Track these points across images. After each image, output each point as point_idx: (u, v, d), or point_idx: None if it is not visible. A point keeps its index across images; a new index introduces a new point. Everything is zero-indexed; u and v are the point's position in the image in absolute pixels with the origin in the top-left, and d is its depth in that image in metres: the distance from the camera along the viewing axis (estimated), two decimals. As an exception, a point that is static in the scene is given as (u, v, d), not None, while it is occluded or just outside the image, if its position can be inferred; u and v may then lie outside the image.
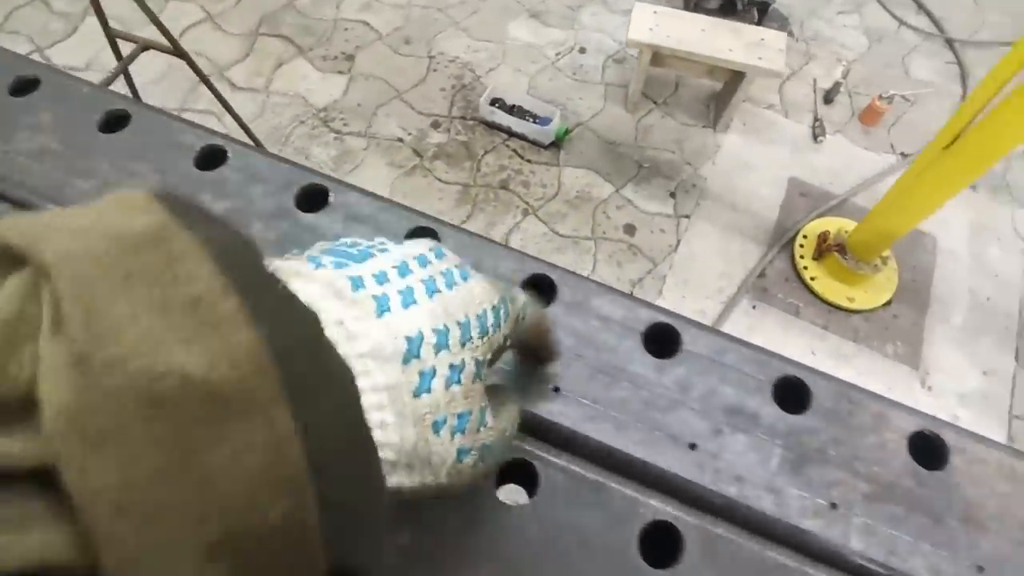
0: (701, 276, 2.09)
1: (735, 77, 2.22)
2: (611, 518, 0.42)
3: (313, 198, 0.55)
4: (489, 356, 0.30)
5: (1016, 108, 1.40)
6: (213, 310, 0.18)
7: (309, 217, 0.54)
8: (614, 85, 2.50)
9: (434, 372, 0.26)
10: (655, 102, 2.47)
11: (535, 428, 0.46)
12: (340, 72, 2.51)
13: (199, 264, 0.19)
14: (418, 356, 0.25)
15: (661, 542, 0.43)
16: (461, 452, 0.27)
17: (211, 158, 0.57)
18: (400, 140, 2.32)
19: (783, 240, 2.16)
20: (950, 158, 1.57)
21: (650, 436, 0.46)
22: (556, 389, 0.47)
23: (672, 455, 0.45)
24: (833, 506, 0.44)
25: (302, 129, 2.32)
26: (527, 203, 2.21)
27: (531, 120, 2.30)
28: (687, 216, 2.21)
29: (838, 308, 2.04)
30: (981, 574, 0.43)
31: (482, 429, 0.29)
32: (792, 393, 0.48)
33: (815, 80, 2.59)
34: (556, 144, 2.32)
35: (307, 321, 0.22)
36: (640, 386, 0.47)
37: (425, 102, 2.43)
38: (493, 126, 2.34)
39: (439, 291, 0.28)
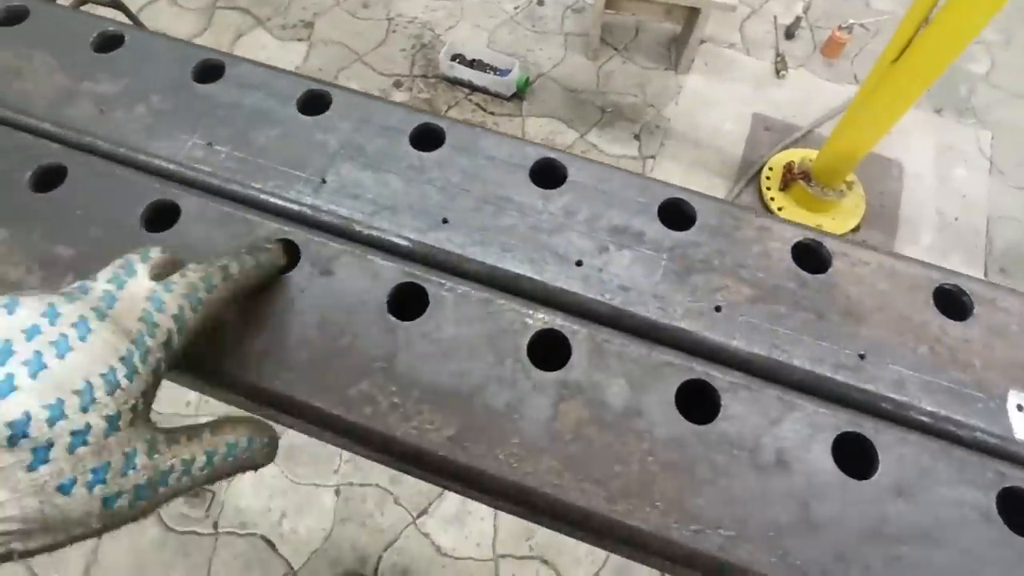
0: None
1: (692, 16, 2.21)
2: (499, 330, 0.43)
3: (209, 72, 0.55)
4: (134, 402, 0.31)
5: (952, 17, 1.40)
6: None
7: (205, 87, 0.54)
8: (574, 35, 2.48)
9: (50, 444, 0.28)
10: (616, 48, 2.46)
11: (424, 256, 0.47)
12: (299, 39, 2.49)
13: None
14: (26, 435, 0.28)
15: (551, 349, 0.43)
16: (108, 500, 0.30)
17: (110, 42, 0.57)
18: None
19: (749, 174, 2.16)
20: (899, 71, 1.57)
21: (536, 256, 0.46)
22: (444, 220, 0.48)
23: (558, 271, 0.46)
24: (717, 309, 0.45)
25: (262, 98, 2.29)
26: (493, 156, 2.21)
27: (491, 72, 2.29)
28: (652, 157, 2.21)
29: (806, 236, 2.05)
30: (863, 360, 0.44)
31: (132, 472, 0.31)
32: (676, 213, 0.49)
33: (775, 17, 2.58)
34: (518, 95, 2.31)
35: None
36: (526, 214, 0.48)
37: (386, 63, 2.41)
38: (455, 82, 2.33)
39: (46, 366, 0.29)
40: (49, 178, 0.48)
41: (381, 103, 0.53)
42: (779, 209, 2.06)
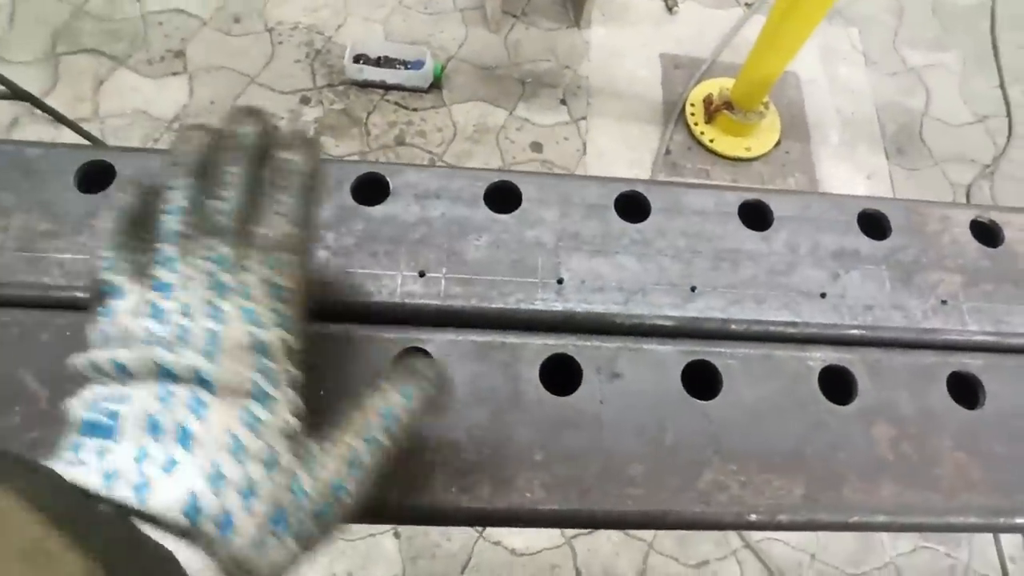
0: (615, 168, 2.17)
1: (584, -31, 2.22)
2: (790, 379, 0.47)
3: (375, 189, 0.52)
4: (283, 424, 0.31)
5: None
6: (43, 551, 0.21)
7: (377, 209, 0.50)
8: (469, 9, 2.42)
9: (230, 511, 0.28)
10: (515, 16, 2.44)
11: (691, 330, 0.48)
12: (175, 73, 2.24)
13: (22, 514, 0.21)
14: (200, 511, 0.27)
15: (838, 382, 0.47)
16: (299, 537, 0.30)
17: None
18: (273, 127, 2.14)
19: (675, 114, 2.27)
20: (805, -6, 1.70)
21: (787, 299, 0.50)
22: (693, 289, 0.49)
23: (810, 308, 0.49)
24: (944, 303, 0.51)
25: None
26: (430, 152, 2.15)
27: (402, 67, 2.20)
28: (584, 118, 2.26)
29: (740, 160, 2.20)
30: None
31: (304, 502, 0.30)
32: (874, 223, 0.54)
33: (651, -46, 2.65)
34: (436, 85, 2.24)
35: (122, 530, 0.26)
36: (757, 260, 0.51)
37: (284, 80, 2.23)
38: (366, 84, 2.22)
39: (193, 435, 0.28)
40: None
41: (571, 179, 0.53)
42: (711, 141, 2.20)
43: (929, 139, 2.41)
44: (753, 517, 0.42)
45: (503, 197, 0.52)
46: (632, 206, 0.52)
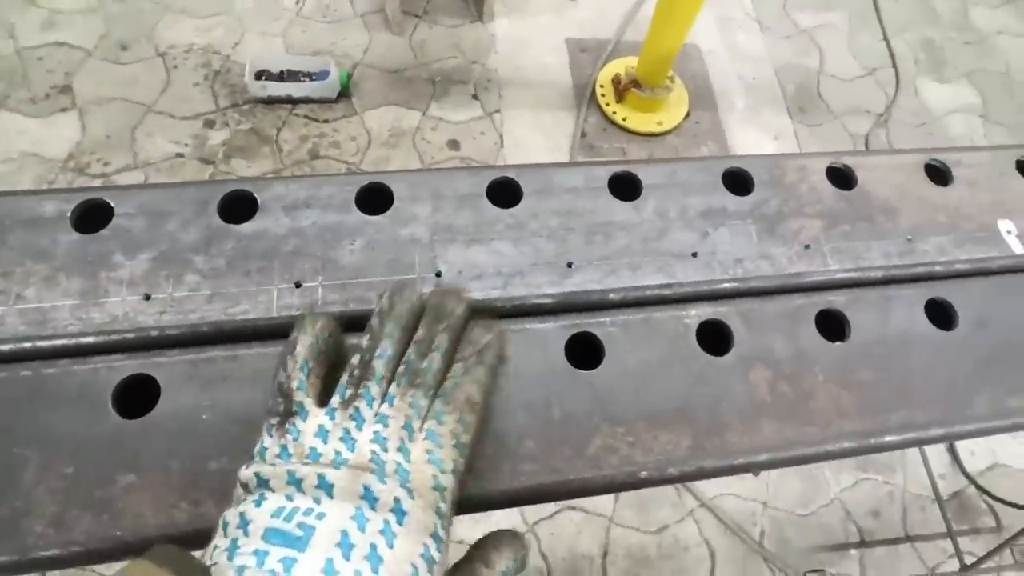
0: (534, 157, 2.19)
1: (479, -37, 2.23)
2: (670, 339, 0.49)
3: (237, 206, 0.51)
4: (444, 570, 0.34)
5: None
6: None
7: (244, 227, 0.49)
8: (370, 13, 2.39)
9: None
10: (417, 16, 2.42)
11: (571, 304, 0.50)
12: (63, 109, 2.12)
13: None
14: None
15: (715, 335, 0.50)
16: None
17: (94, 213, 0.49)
18: (179, 155, 2.06)
19: (586, 97, 2.30)
20: (690, -32, 1.75)
21: (660, 263, 0.52)
22: (569, 264, 0.51)
23: (684, 268, 0.52)
24: (807, 247, 0.54)
25: (57, 189, 1.95)
26: (346, 162, 2.11)
27: (307, 79, 2.15)
28: (497, 111, 2.27)
29: (654, 135, 2.26)
30: (911, 243, 0.56)
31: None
32: (738, 180, 0.57)
33: (544, -58, 2.68)
34: (345, 94, 2.20)
35: None
36: (630, 229, 0.53)
37: (184, 105, 2.15)
38: (272, 101, 2.16)
39: (382, 559, 0.30)
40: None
41: (442, 173, 0.53)
42: (623, 120, 2.24)
43: (826, 95, 2.53)
44: (644, 474, 0.44)
45: (374, 199, 0.52)
46: (504, 192, 0.53)
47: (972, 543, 1.86)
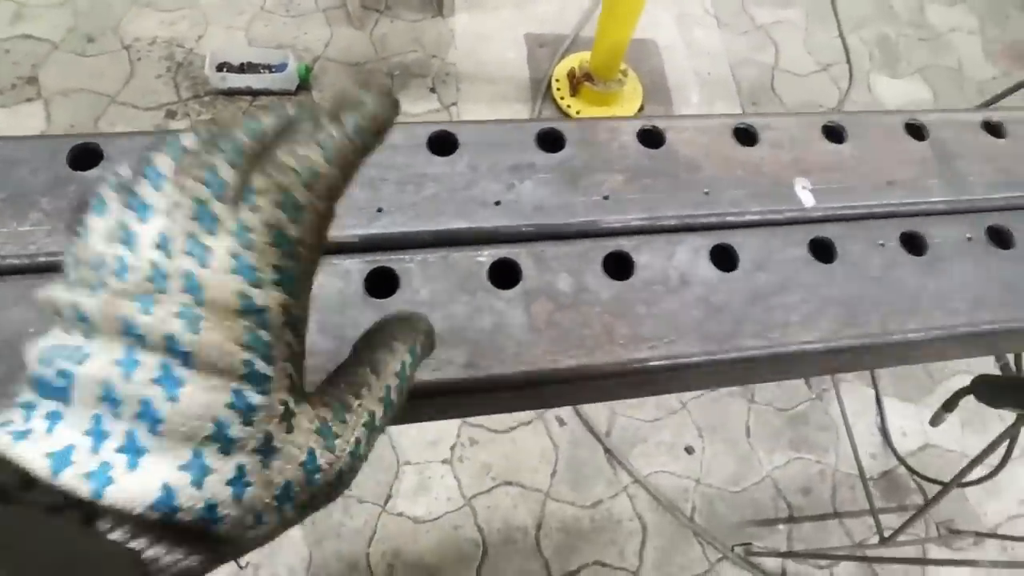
0: (490, 150, 2.25)
1: (437, -41, 2.29)
2: (461, 275, 0.54)
3: (86, 157, 0.56)
4: (281, 407, 0.26)
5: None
6: None
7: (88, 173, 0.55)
8: (332, 8, 2.45)
9: (213, 505, 0.24)
10: (379, 11, 2.48)
11: (377, 244, 0.55)
12: (28, 100, 2.18)
13: None
14: (178, 509, 0.23)
15: (507, 273, 0.55)
16: (304, 508, 0.27)
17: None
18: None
19: (541, 90, 2.37)
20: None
21: (464, 210, 0.57)
22: (379, 210, 0.56)
23: (485, 215, 0.57)
24: (606, 198, 0.60)
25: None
26: (305, 152, 2.17)
27: (267, 71, 2.21)
28: (454, 104, 2.33)
29: (606, 127, 2.32)
30: (707, 196, 0.62)
31: (318, 476, 0.27)
32: (551, 139, 0.63)
33: (507, -60, 2.74)
34: (303, 86, 2.26)
35: (52, 528, 0.21)
36: (441, 181, 0.58)
37: (146, 96, 2.21)
38: (232, 92, 2.22)
39: (160, 418, 0.23)
40: None
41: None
42: (577, 112, 2.31)
43: (780, 90, 2.59)
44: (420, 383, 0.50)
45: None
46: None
47: (900, 520, 1.92)
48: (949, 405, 1.40)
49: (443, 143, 0.61)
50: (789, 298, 0.58)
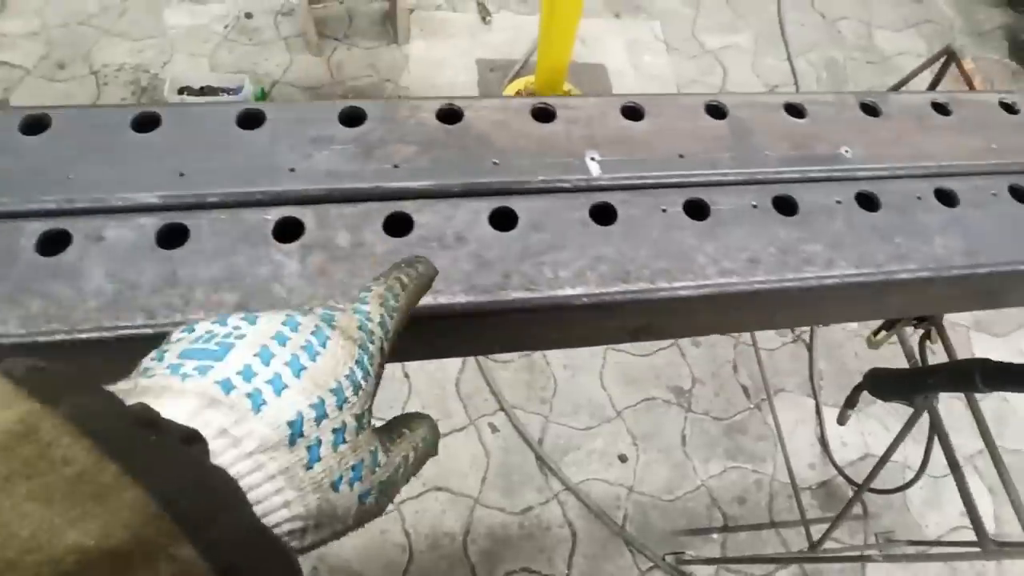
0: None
1: (391, -11, 2.41)
2: (247, 230, 0.59)
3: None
4: (369, 403, 0.34)
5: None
6: (95, 483, 0.20)
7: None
8: (292, 36, 2.57)
9: (319, 442, 0.30)
10: (337, 39, 2.60)
11: (175, 205, 0.60)
12: None
13: (72, 443, 0.20)
14: (302, 434, 0.29)
15: (293, 230, 0.60)
16: (362, 496, 0.32)
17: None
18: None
19: (491, 111, 2.45)
20: (559, -12, 1.91)
21: (261, 176, 0.63)
22: (181, 174, 0.62)
23: (281, 180, 0.63)
24: (396, 167, 0.65)
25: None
26: (260, 170, 2.26)
27: (224, 94, 2.32)
28: (407, 124, 2.42)
29: (552, 146, 2.40)
30: (497, 166, 0.67)
31: (377, 470, 0.34)
32: (352, 117, 0.68)
33: (466, -27, 2.88)
34: (262, 107, 2.36)
35: (185, 460, 0.24)
36: (245, 151, 0.64)
37: (111, 117, 2.31)
38: (192, 114, 2.32)
39: (305, 367, 0.31)
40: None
41: (98, 110, 0.65)
42: (524, 131, 2.38)
43: (728, 111, 2.67)
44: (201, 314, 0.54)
45: (33, 129, 0.63)
46: (149, 123, 0.64)
47: (839, 530, 1.91)
48: (850, 402, 1.42)
49: (250, 119, 0.66)
50: (561, 256, 0.62)
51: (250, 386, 0.29)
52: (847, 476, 1.93)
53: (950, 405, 1.83)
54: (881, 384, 1.23)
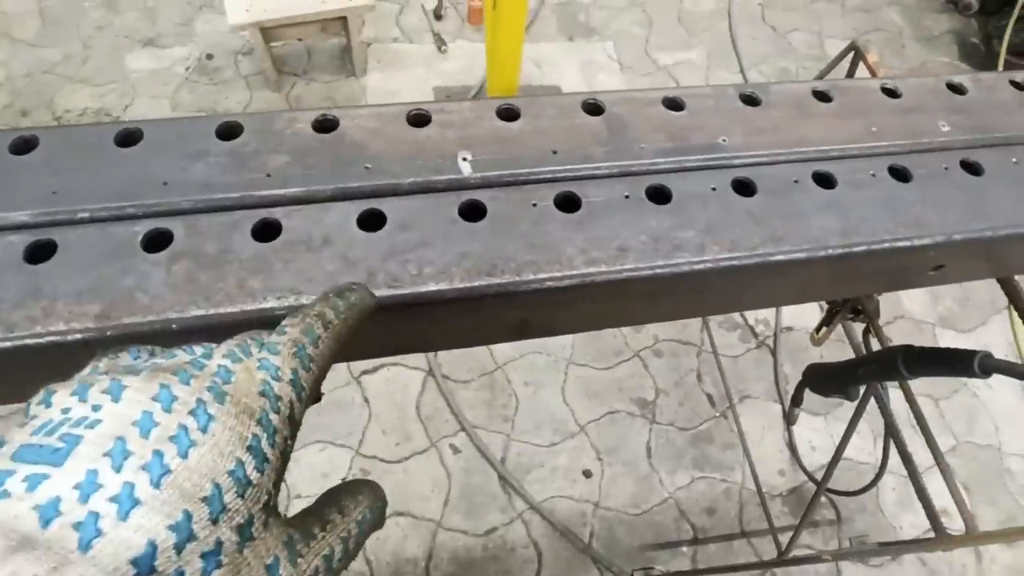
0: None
1: (345, 23, 2.48)
2: (116, 244, 0.60)
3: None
4: (269, 495, 0.27)
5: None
6: None
7: None
8: (253, 75, 2.63)
9: (183, 573, 0.23)
10: (296, 74, 2.66)
11: (47, 223, 0.62)
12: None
13: None
14: (153, 570, 0.22)
15: (163, 243, 0.61)
16: None
17: None
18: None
19: (449, 137, 2.50)
20: (500, 14, 1.97)
21: (132, 192, 0.64)
22: (55, 192, 0.63)
23: (152, 194, 0.64)
24: (268, 175, 0.67)
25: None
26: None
27: (186, 133, 2.36)
28: (366, 153, 2.46)
29: (510, 167, 2.44)
30: (368, 170, 0.69)
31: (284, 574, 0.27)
32: (228, 132, 0.70)
33: (423, 5, 2.96)
34: (223, 144, 2.40)
35: None
36: (116, 171, 0.66)
37: (74, 162, 2.35)
38: (154, 154, 2.36)
39: (169, 471, 0.24)
40: None
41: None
42: (481, 154, 2.43)
43: (683, 125, 2.72)
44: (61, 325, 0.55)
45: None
46: (129, 139, 0.66)
47: (811, 536, 1.88)
48: (795, 400, 1.42)
49: (127, 138, 0.68)
50: (428, 253, 0.63)
51: (84, 509, 0.22)
52: (815, 479, 1.91)
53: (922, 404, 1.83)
54: (817, 379, 1.23)
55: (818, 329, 1.44)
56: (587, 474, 1.83)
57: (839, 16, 3.31)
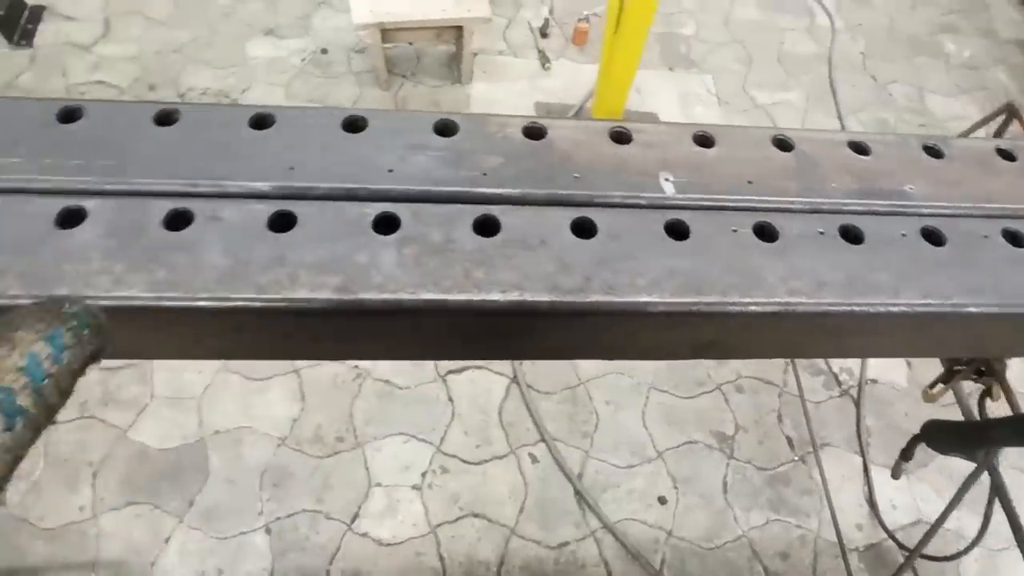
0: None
1: (459, 33, 2.56)
2: (349, 220, 0.65)
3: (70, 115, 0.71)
4: None
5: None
6: None
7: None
8: (364, 72, 2.74)
9: None
10: (404, 76, 2.76)
11: (286, 195, 0.66)
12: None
13: None
14: None
15: (392, 225, 0.65)
16: None
17: None
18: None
19: (546, 151, 2.54)
20: (620, 39, 2.01)
21: (363, 174, 0.68)
22: (291, 168, 0.68)
23: (381, 179, 0.68)
24: (484, 175, 0.70)
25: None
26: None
27: (299, 121, 2.47)
28: (464, 158, 2.52)
29: (604, 187, 2.47)
30: (577, 179, 0.71)
31: None
32: (447, 128, 0.74)
33: (529, 22, 3.04)
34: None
35: None
36: (350, 151, 0.70)
37: (192, 138, 2.49)
38: (266, 138, 2.47)
39: None
40: None
41: (220, 108, 0.73)
42: (576, 171, 2.46)
43: (778, 164, 2.70)
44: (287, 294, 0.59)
45: (164, 120, 0.71)
46: (263, 122, 0.72)
47: (886, 597, 1.82)
48: (906, 454, 1.39)
49: (353, 125, 0.73)
50: (638, 265, 0.66)
51: None
52: (898, 540, 1.85)
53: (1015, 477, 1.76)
54: (939, 436, 1.20)
55: (932, 385, 1.41)
56: (662, 501, 1.82)
57: (943, 72, 3.24)
